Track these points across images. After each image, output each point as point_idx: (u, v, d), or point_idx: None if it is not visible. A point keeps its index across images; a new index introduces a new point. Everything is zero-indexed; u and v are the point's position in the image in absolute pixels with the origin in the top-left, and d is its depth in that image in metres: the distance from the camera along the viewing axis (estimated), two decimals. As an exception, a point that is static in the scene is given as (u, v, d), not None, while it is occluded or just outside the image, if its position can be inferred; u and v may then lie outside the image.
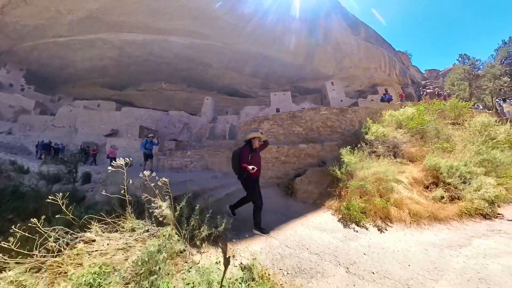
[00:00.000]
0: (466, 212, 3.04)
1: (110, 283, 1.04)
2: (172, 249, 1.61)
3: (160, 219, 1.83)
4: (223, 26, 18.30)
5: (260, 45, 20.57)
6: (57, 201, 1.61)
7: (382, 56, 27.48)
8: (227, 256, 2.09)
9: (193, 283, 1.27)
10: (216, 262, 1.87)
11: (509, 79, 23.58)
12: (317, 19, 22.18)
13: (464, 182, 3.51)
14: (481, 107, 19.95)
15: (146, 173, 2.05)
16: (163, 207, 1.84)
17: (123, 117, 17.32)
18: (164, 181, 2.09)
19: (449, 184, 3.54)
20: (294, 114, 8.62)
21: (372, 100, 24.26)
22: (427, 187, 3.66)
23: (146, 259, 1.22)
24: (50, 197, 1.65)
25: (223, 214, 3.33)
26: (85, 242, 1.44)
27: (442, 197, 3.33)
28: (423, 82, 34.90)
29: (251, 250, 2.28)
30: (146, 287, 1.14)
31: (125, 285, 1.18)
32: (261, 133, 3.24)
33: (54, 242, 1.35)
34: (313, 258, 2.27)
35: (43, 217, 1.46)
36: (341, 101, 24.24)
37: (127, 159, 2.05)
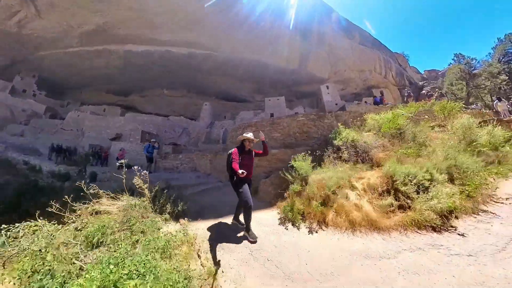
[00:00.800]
0: (413, 223, 2.85)
1: (111, 225, 2.13)
2: (145, 208, 2.77)
3: (144, 197, 2.99)
4: (218, 35, 19.63)
5: (254, 51, 21.64)
6: (68, 196, 2.78)
7: (377, 58, 27.73)
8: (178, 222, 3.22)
9: (147, 225, 2.39)
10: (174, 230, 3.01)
11: (507, 77, 23.47)
12: (310, 25, 23.15)
13: (419, 191, 3.30)
14: (480, 107, 19.76)
15: (144, 172, 3.21)
16: (144, 188, 3.00)
17: (127, 122, 18.76)
18: (149, 177, 3.26)
19: (402, 192, 3.33)
20: (274, 121, 9.72)
21: (365, 102, 24.52)
22: (381, 194, 3.50)
23: (128, 207, 2.37)
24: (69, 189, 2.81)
25: (196, 203, 4.48)
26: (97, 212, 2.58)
27: (391, 206, 3.16)
28: (420, 83, 35.23)
29: (198, 226, 3.38)
30: (127, 225, 2.27)
31: (121, 226, 2.27)
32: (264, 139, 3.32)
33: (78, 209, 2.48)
34: (236, 240, 2.91)
35: (67, 197, 2.60)
36: (336, 104, 24.50)
37: (126, 161, 3.26)
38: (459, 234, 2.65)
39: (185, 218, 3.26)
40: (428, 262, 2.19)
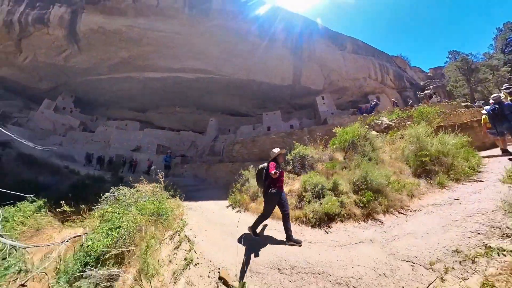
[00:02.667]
0: (299, 219, 3.86)
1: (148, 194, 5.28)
2: (161, 189, 5.94)
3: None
4: (219, 62, 23.30)
5: (250, 73, 24.64)
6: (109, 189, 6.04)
7: (371, 64, 28.26)
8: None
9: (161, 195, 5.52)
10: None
11: (510, 69, 22.02)
12: (300, 43, 24.33)
13: (320, 197, 4.03)
14: (482, 104, 18.34)
15: (160, 174, 6.42)
16: (161, 181, 6.19)
17: (145, 136, 22.70)
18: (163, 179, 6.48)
19: (305, 196, 4.27)
20: (254, 138, 12.75)
21: (357, 110, 24.43)
22: (299, 197, 4.44)
23: (153, 188, 5.57)
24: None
25: (190, 194, 7.63)
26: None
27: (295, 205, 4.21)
28: (422, 83, 33.94)
29: (186, 203, 6.51)
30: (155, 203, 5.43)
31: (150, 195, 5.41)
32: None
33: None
34: (199, 211, 5.69)
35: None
36: (332, 113, 25.34)
37: (153, 168, 6.54)
38: (325, 232, 3.38)
39: (180, 198, 6.46)
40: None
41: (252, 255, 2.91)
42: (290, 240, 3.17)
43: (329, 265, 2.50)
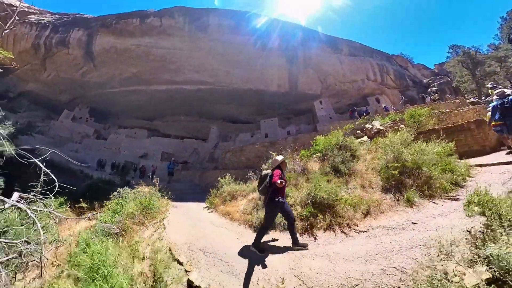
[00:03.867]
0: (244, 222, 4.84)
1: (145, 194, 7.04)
2: (155, 191, 7.71)
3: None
4: (217, 74, 25.13)
5: (247, 82, 25.77)
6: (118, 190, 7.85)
7: (369, 65, 27.59)
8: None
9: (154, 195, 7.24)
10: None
11: None
12: (295, 50, 24.80)
13: None
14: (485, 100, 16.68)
15: (155, 181, 8.22)
16: (156, 185, 7.96)
17: (151, 144, 24.94)
18: (164, 184, 8.27)
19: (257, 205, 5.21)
20: (242, 148, 14.37)
21: (355, 113, 23.00)
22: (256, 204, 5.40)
23: (149, 190, 7.30)
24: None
25: (181, 196, 9.38)
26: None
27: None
28: (425, 81, 32.07)
29: (176, 203, 8.25)
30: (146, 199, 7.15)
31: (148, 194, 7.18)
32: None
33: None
34: (182, 211, 7.40)
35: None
36: (330, 118, 24.89)
37: (149, 174, 8.27)
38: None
39: (169, 199, 8.24)
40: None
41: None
42: (296, 244, 3.26)
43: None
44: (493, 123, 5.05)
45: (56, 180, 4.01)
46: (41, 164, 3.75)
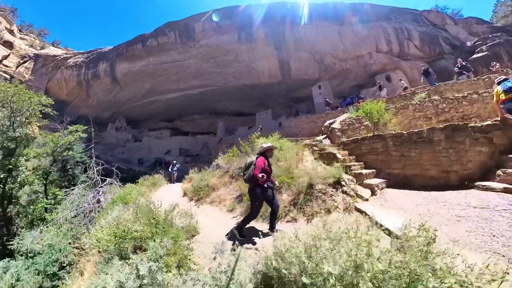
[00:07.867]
0: None
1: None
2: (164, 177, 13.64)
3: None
4: (213, 76, 29.37)
5: (239, 78, 28.19)
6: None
7: (380, 33, 22.27)
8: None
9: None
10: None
11: None
12: (282, 33, 23.17)
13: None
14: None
15: (161, 172, 14.08)
16: (162, 172, 13.87)
17: (172, 142, 31.88)
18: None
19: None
20: (232, 142, 19.47)
21: (342, 105, 19.58)
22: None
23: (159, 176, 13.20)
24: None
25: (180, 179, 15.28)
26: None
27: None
28: (468, 44, 22.35)
29: (169, 185, 14.09)
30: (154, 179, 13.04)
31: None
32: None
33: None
34: (172, 187, 13.79)
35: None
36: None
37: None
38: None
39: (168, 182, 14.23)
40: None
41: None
42: (272, 231, 3.26)
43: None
44: (503, 97, 4.27)
45: (119, 173, 10.11)
46: (111, 168, 9.74)
